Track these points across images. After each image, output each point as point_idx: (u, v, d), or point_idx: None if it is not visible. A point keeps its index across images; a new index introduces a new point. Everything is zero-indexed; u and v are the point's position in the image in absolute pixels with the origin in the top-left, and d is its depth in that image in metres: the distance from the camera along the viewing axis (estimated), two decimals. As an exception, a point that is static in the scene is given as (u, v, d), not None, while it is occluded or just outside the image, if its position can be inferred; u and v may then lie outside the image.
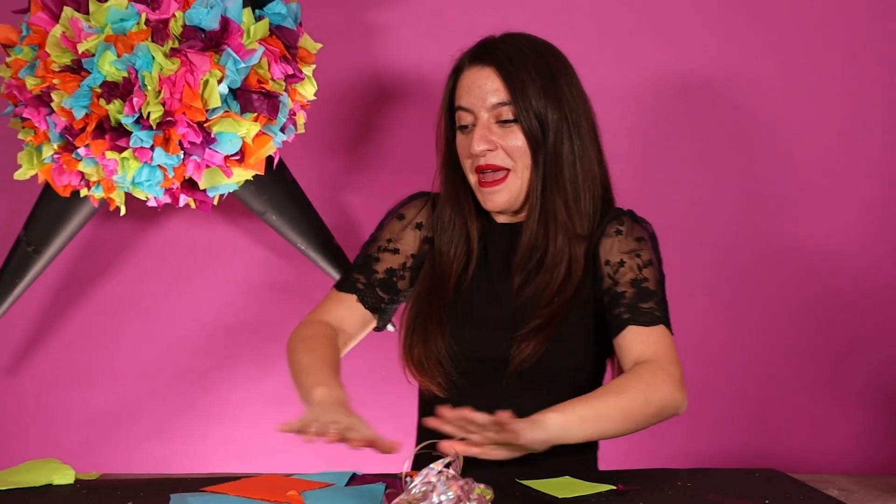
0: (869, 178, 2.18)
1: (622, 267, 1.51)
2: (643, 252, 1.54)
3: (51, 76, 1.79)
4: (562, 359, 1.51)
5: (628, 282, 1.50)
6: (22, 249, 1.98)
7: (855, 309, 2.19)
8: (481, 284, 1.58)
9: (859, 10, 2.17)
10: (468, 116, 1.54)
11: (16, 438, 2.11)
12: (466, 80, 1.55)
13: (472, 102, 1.53)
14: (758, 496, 1.33)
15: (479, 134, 1.52)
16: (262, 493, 1.27)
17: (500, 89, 1.51)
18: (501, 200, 1.54)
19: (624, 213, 1.59)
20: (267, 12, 1.88)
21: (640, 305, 1.49)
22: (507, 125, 1.52)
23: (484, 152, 1.51)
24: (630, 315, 1.48)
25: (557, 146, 1.52)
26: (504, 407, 1.46)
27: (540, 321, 1.49)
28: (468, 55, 1.57)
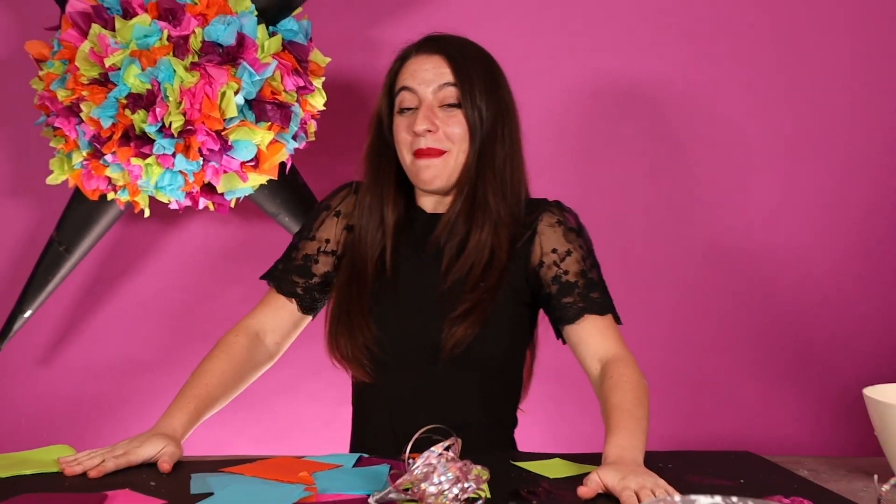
0: (811, 180, 2.18)
1: (569, 256, 1.48)
2: (583, 243, 1.51)
3: (80, 88, 1.78)
4: (492, 342, 1.46)
5: (577, 272, 1.47)
6: (54, 249, 1.98)
7: (819, 306, 2.19)
8: (407, 271, 1.50)
9: (792, 14, 2.15)
10: (412, 99, 1.48)
11: (49, 423, 2.11)
12: (413, 65, 1.49)
13: (417, 84, 1.47)
14: (734, 476, 1.33)
15: (423, 114, 1.46)
16: (275, 474, 1.27)
17: (447, 73, 1.47)
18: (435, 173, 1.47)
19: (552, 203, 1.54)
20: (280, 29, 1.88)
21: (591, 295, 1.47)
22: (450, 110, 1.47)
23: (425, 133, 1.45)
24: (585, 304, 1.46)
25: (492, 140, 1.48)
26: (433, 391, 1.45)
27: (468, 305, 1.43)
28: (415, 46, 1.51)
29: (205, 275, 2.16)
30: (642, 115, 2.17)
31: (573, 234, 1.50)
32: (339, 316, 1.49)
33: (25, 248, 2.10)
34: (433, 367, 1.45)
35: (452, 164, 1.48)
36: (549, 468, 1.34)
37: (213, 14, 1.80)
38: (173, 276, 2.15)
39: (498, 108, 1.49)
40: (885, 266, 2.20)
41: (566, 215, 1.52)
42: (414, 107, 1.48)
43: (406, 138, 1.48)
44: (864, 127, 2.18)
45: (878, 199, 2.18)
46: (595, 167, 2.17)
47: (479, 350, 1.44)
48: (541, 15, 2.14)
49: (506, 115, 1.51)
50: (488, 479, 1.15)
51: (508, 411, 1.57)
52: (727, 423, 2.18)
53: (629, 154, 2.17)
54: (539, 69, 2.11)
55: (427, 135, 1.46)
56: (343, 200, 1.58)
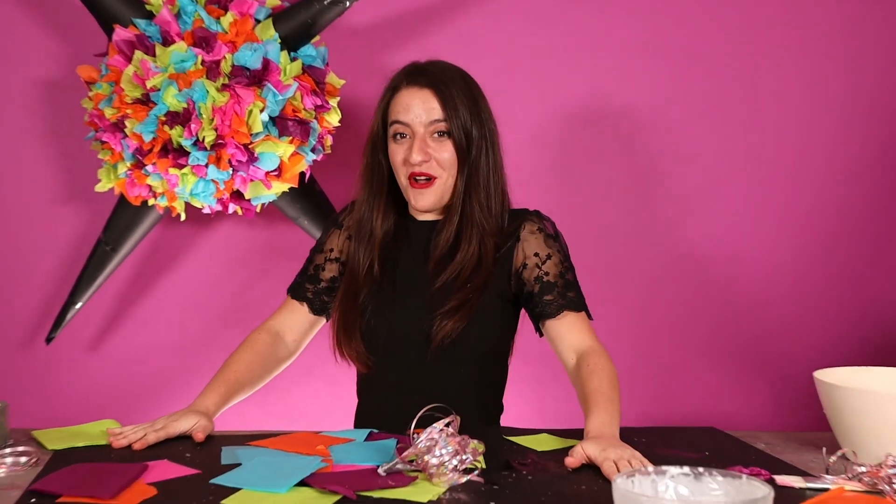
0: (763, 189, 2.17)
1: (549, 260, 1.47)
2: (561, 248, 1.51)
3: (125, 107, 1.78)
4: (478, 335, 1.45)
5: (556, 273, 1.47)
6: (101, 248, 1.97)
7: (772, 301, 2.19)
8: (402, 273, 1.50)
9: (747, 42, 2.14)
10: (406, 129, 1.47)
11: (97, 400, 2.11)
12: (405, 98, 1.47)
13: (411, 119, 1.46)
14: (699, 449, 1.33)
15: (418, 146, 1.45)
16: (296, 447, 1.27)
17: (436, 108, 1.45)
18: (429, 201, 1.47)
19: (532, 213, 1.53)
20: (300, 54, 1.88)
21: (568, 294, 1.46)
22: (440, 138, 1.46)
23: (420, 162, 1.45)
24: (564, 301, 1.45)
25: (477, 158, 1.48)
26: (424, 380, 1.45)
27: (456, 302, 1.43)
28: (404, 76, 1.49)
29: (234, 271, 2.15)
30: (614, 130, 2.16)
31: (552, 240, 1.50)
32: (338, 319, 1.51)
33: (76, 248, 2.09)
34: (424, 358, 1.45)
35: (442, 188, 1.48)
36: (537, 442, 1.34)
37: (242, 41, 1.79)
38: (206, 272, 2.15)
39: (480, 129, 1.48)
40: (828, 265, 2.20)
41: (545, 223, 1.52)
42: (407, 135, 1.47)
43: (401, 164, 1.48)
44: (808, 144, 2.17)
45: (821, 206, 2.18)
46: (571, 177, 2.17)
47: (465, 342, 1.44)
48: (527, 42, 2.13)
49: (487, 133, 1.50)
50: (483, 451, 1.15)
51: (495, 399, 1.56)
52: (694, 403, 2.18)
53: (602, 165, 2.17)
54: (523, 89, 2.11)
55: (422, 164, 1.46)
56: (347, 215, 1.59)
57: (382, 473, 1.13)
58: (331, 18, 1.89)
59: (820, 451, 1.33)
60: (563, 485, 1.13)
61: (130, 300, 2.14)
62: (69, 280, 2.05)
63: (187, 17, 1.81)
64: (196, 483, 1.11)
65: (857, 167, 2.18)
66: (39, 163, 2.08)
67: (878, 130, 2.17)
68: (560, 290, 1.46)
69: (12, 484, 1.12)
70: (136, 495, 1.05)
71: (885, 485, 1.11)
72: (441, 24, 2.12)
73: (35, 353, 2.10)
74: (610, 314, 2.13)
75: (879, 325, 2.20)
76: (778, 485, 1.15)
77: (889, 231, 2.19)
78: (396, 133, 1.48)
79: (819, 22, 2.15)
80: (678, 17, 2.14)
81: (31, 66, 2.05)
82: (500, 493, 1.08)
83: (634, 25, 2.14)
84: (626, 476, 0.93)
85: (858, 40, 2.16)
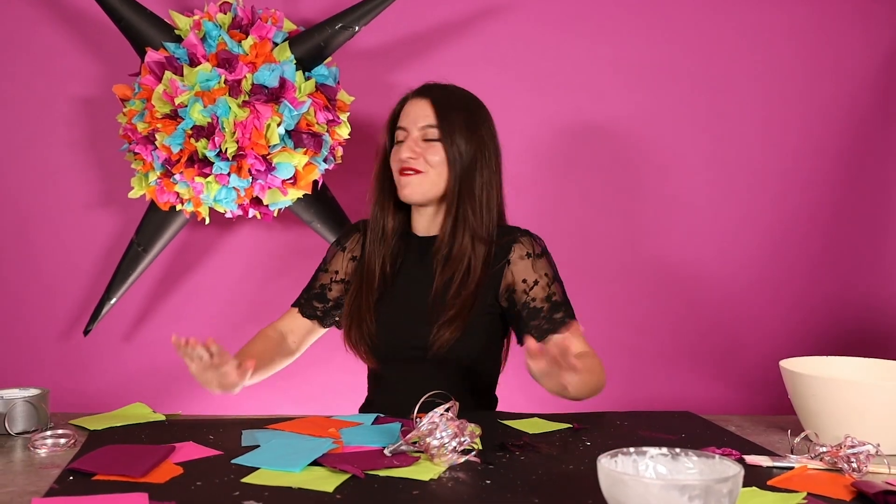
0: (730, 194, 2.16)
1: (536, 286, 1.45)
2: (549, 269, 1.48)
3: (155, 122, 1.78)
4: (469, 345, 1.44)
5: (543, 298, 1.45)
6: (133, 249, 1.97)
7: (741, 294, 2.18)
8: (403, 283, 1.51)
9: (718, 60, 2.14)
10: (403, 134, 1.48)
11: (128, 386, 2.10)
12: (407, 107, 1.50)
13: (408, 123, 1.48)
14: (676, 432, 1.32)
15: (408, 145, 1.46)
16: (309, 430, 1.26)
17: (430, 115, 1.46)
18: (414, 191, 1.46)
19: (523, 233, 1.50)
20: (313, 74, 1.87)
21: (554, 317, 1.44)
22: (430, 143, 1.46)
23: (407, 159, 1.46)
24: (549, 326, 1.43)
25: (472, 170, 1.46)
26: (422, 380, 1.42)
27: (452, 314, 1.42)
28: (412, 91, 1.52)
29: (253, 270, 2.15)
30: (602, 143, 2.16)
31: (540, 262, 1.48)
32: (350, 312, 1.51)
33: (111, 249, 2.09)
34: (422, 362, 1.45)
35: (428, 183, 1.46)
36: (529, 425, 1.33)
37: (261, 62, 1.79)
38: (228, 270, 2.14)
39: (478, 145, 1.47)
40: (791, 263, 2.19)
41: (535, 244, 1.49)
42: (405, 139, 1.48)
43: (395, 162, 1.49)
44: (769, 151, 2.17)
45: (782, 211, 2.18)
46: (564, 186, 2.16)
47: (458, 350, 1.43)
48: (522, 62, 2.12)
49: (485, 151, 1.48)
50: (480, 434, 1.15)
51: (487, 396, 1.55)
52: (672, 389, 2.17)
53: (581, 170, 2.16)
54: (518, 105, 2.10)
55: (410, 161, 1.46)
56: (349, 238, 1.60)
57: (388, 454, 1.13)
58: (341, 42, 1.89)
59: (785, 434, 1.32)
60: (553, 464, 1.12)
61: (160, 296, 2.13)
62: (105, 278, 2.04)
63: (212, 40, 1.80)
64: (218, 463, 1.10)
65: (813, 171, 2.17)
66: (79, 171, 2.07)
67: (832, 139, 2.17)
68: (545, 314, 1.44)
69: (52, 463, 1.11)
70: (164, 474, 1.04)
71: (843, 463, 1.11)
72: (440, 47, 2.12)
73: (74, 343, 2.10)
74: (592, 310, 2.13)
75: (838, 318, 2.19)
76: (747, 464, 1.14)
77: (842, 234, 2.19)
78: (397, 139, 1.50)
79: (780, 43, 2.15)
80: (656, 38, 2.14)
81: (72, 85, 2.05)
82: (495, 472, 1.08)
83: (620, 47, 2.13)
84: (609, 456, 0.92)
85: (815, 58, 2.16)
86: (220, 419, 1.38)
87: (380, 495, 0.99)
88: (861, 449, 1.11)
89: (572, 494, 1.00)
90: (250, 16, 1.86)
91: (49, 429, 1.26)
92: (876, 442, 1.14)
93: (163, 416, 1.37)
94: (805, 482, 1.07)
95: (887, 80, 2.16)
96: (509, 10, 2.12)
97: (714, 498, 0.82)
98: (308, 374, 2.12)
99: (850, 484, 1.06)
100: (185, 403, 2.06)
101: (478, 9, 2.11)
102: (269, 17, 1.85)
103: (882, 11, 2.15)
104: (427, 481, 1.03)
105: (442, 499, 0.98)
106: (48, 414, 1.30)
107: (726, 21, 2.14)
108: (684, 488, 0.82)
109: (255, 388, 2.13)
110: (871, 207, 2.18)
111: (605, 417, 1.39)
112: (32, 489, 1.00)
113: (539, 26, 2.12)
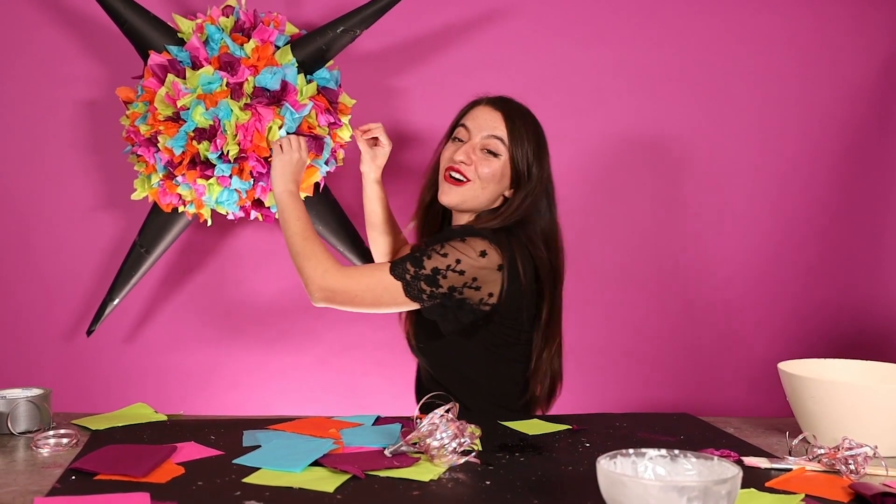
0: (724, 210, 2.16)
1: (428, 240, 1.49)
2: (441, 242, 1.39)
3: (157, 124, 1.78)
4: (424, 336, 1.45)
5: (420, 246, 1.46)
6: (136, 250, 1.97)
7: (742, 298, 2.18)
8: None
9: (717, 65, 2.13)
10: (465, 134, 1.45)
11: (130, 386, 2.10)
12: (477, 111, 1.47)
13: (474, 126, 1.44)
14: (675, 433, 1.32)
15: (466, 149, 1.43)
16: (310, 430, 1.26)
17: (500, 128, 1.43)
18: (453, 199, 1.44)
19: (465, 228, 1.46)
20: (315, 77, 1.87)
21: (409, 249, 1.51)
22: (488, 155, 1.43)
23: (460, 162, 1.43)
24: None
25: (521, 196, 1.43)
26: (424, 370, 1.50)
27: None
28: (486, 98, 1.48)
29: (255, 271, 2.15)
30: (601, 147, 2.16)
31: (442, 235, 1.46)
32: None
33: (114, 250, 2.09)
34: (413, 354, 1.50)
35: (470, 194, 1.44)
36: (528, 426, 1.33)
37: (263, 65, 1.79)
38: (230, 272, 2.14)
39: (540, 170, 1.44)
40: (789, 267, 2.19)
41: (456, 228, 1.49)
42: (464, 140, 1.45)
43: (447, 160, 1.46)
44: (765, 158, 2.17)
45: (781, 213, 2.18)
46: (563, 187, 2.14)
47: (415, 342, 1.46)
48: (518, 69, 2.12)
49: (544, 175, 1.46)
50: (480, 435, 1.15)
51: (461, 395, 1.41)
52: (671, 391, 2.17)
53: (590, 177, 2.16)
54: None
55: (462, 165, 1.43)
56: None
57: (388, 455, 1.12)
58: (343, 45, 1.89)
59: (783, 435, 1.32)
60: (552, 466, 1.12)
61: (162, 297, 2.13)
62: (108, 279, 2.04)
63: (214, 43, 1.80)
64: (220, 463, 1.10)
65: (811, 175, 2.17)
66: (82, 173, 2.07)
67: (830, 143, 2.17)
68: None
69: (54, 462, 1.11)
70: (166, 474, 1.04)
71: (841, 465, 1.11)
72: (442, 51, 2.12)
73: (76, 344, 2.10)
74: (590, 310, 2.13)
75: (836, 321, 2.19)
76: (746, 465, 1.14)
77: (840, 238, 2.19)
78: (456, 135, 1.47)
79: (778, 48, 2.15)
80: (655, 44, 2.14)
81: (76, 87, 2.05)
82: (495, 473, 1.07)
83: (620, 52, 2.13)
84: (608, 457, 0.92)
85: (814, 64, 2.15)
86: (222, 419, 1.37)
87: (380, 496, 0.98)
88: (859, 451, 1.11)
89: (571, 495, 1.00)
90: (252, 19, 1.86)
91: (51, 429, 1.26)
92: (874, 444, 1.13)
93: (164, 416, 1.37)
94: (803, 484, 1.07)
95: (885, 85, 2.16)
96: (510, 15, 2.12)
97: (713, 499, 0.82)
98: (308, 375, 2.12)
99: (847, 486, 1.06)
100: (186, 404, 2.06)
101: (479, 13, 2.11)
102: (272, 21, 1.85)
103: (880, 17, 2.15)
104: (427, 482, 1.03)
105: (442, 499, 0.98)
106: (51, 414, 1.30)
107: (725, 27, 2.15)
108: (683, 490, 0.81)
109: (255, 388, 2.14)
110: (869, 211, 2.18)
111: (605, 419, 1.39)
112: (35, 489, 1.00)
113: (539, 31, 2.12)
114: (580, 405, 2.01)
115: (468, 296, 1.35)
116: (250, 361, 2.14)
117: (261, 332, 2.14)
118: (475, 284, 1.35)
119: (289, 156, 1.52)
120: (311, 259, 1.37)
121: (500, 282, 1.36)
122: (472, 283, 1.35)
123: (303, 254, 1.38)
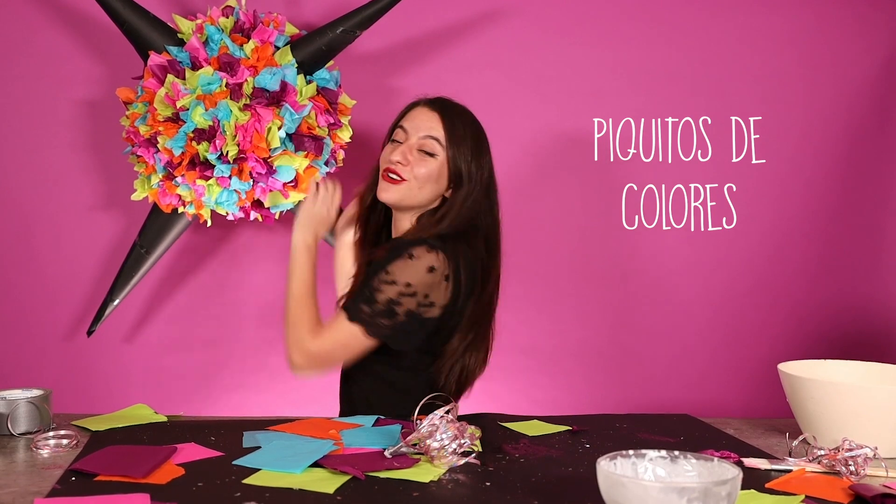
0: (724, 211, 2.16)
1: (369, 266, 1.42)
2: (389, 265, 1.37)
3: (157, 125, 1.78)
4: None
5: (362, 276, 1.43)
6: (136, 251, 1.97)
7: (738, 303, 2.18)
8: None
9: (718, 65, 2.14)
10: (402, 135, 1.44)
11: (130, 387, 2.10)
12: (415, 112, 1.45)
13: (411, 127, 1.44)
14: (675, 434, 1.32)
15: (402, 150, 1.42)
16: (310, 431, 1.26)
17: (437, 128, 1.42)
18: (391, 197, 1.43)
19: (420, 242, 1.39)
20: (315, 77, 1.87)
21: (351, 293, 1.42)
22: (424, 155, 1.42)
23: (396, 163, 1.41)
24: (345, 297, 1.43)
25: (461, 194, 1.42)
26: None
27: None
28: (425, 99, 1.48)
29: (255, 272, 2.15)
30: (602, 147, 2.16)
31: (389, 256, 1.41)
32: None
33: (114, 250, 2.09)
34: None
35: (407, 192, 1.42)
36: (528, 427, 1.33)
37: (262, 66, 1.79)
38: (230, 272, 2.14)
39: (477, 172, 1.43)
40: (787, 265, 2.19)
41: (404, 247, 1.41)
42: (401, 141, 1.45)
43: (384, 160, 1.45)
44: (766, 158, 2.17)
45: (779, 214, 2.18)
46: (564, 189, 2.16)
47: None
48: (515, 69, 2.13)
49: (482, 180, 1.43)
50: (480, 436, 1.14)
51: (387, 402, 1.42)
52: (671, 392, 2.17)
53: (590, 178, 2.16)
54: (521, 110, 2.11)
55: (398, 166, 1.42)
56: None
57: (388, 456, 1.12)
58: (343, 45, 1.89)
59: (783, 437, 1.32)
60: (552, 467, 1.12)
61: (162, 297, 2.13)
62: (108, 279, 2.04)
63: (214, 44, 1.80)
64: (220, 464, 1.10)
65: (812, 176, 2.17)
66: (82, 174, 2.08)
67: (831, 143, 2.17)
68: (354, 285, 1.40)
69: (54, 463, 1.11)
70: (166, 474, 1.04)
71: (841, 466, 1.11)
72: (441, 51, 2.12)
73: (76, 345, 2.10)
74: (590, 311, 2.13)
75: (836, 321, 2.19)
76: (746, 466, 1.14)
77: (841, 238, 2.19)
78: (395, 137, 1.46)
79: (780, 48, 2.15)
80: (656, 43, 2.14)
81: (76, 88, 2.05)
82: (495, 474, 1.07)
83: (621, 52, 2.13)
84: (608, 459, 0.92)
85: (815, 64, 2.16)
86: (222, 420, 1.37)
87: (380, 497, 0.98)
88: (859, 452, 1.11)
89: (571, 497, 1.00)
90: (252, 20, 1.86)
91: (51, 429, 1.26)
92: (874, 445, 1.13)
93: (164, 417, 1.37)
94: (803, 485, 1.07)
95: (886, 85, 2.16)
96: (510, 15, 2.12)
97: (713, 500, 0.82)
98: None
99: (847, 487, 1.06)
100: (186, 404, 2.06)
101: (479, 13, 2.11)
102: (271, 21, 1.85)
103: (881, 18, 2.15)
104: (427, 483, 1.03)
105: (442, 500, 0.98)
106: (51, 415, 1.30)
107: (727, 27, 2.15)
108: (683, 491, 0.81)
109: (255, 388, 2.14)
110: (870, 212, 2.18)
111: (605, 419, 1.39)
112: (35, 489, 1.00)
113: (539, 31, 2.13)
114: (580, 406, 2.01)
115: (425, 312, 1.37)
116: (250, 362, 2.14)
117: (262, 333, 2.14)
118: (428, 301, 1.36)
119: (320, 208, 1.49)
120: (298, 325, 1.37)
121: (447, 291, 1.37)
122: (425, 299, 1.36)
123: (290, 320, 1.38)
